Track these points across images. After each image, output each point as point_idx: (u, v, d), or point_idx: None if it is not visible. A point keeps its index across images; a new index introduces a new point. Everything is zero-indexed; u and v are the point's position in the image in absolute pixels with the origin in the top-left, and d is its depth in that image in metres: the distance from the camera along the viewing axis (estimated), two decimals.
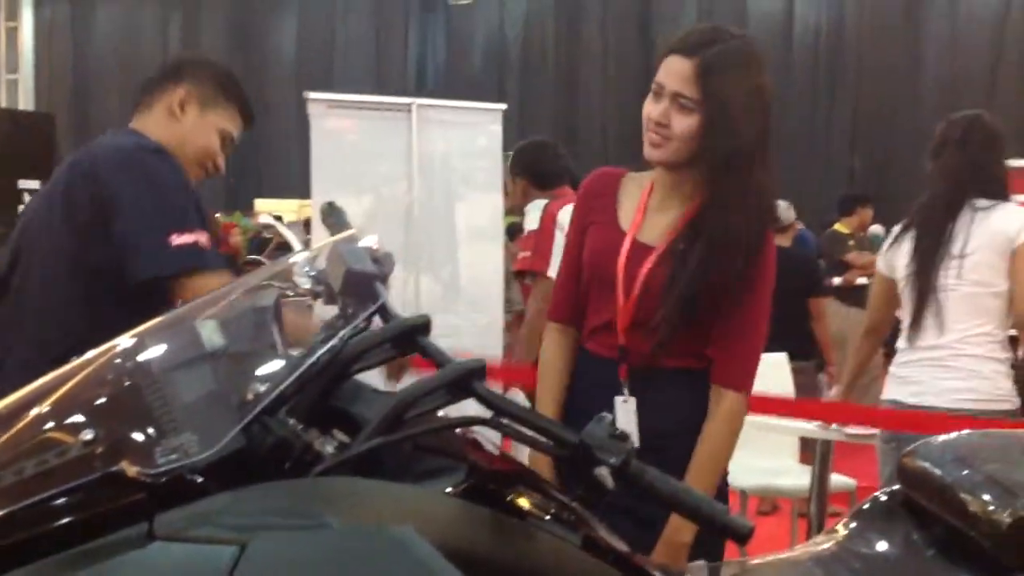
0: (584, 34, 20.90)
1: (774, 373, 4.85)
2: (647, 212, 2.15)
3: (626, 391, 2.13)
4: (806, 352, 6.33)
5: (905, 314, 3.25)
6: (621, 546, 1.38)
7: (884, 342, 3.61)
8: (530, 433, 1.32)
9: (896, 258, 3.30)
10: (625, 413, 2.13)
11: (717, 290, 2.04)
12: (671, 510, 1.30)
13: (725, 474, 2.19)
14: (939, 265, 3.14)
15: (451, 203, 3.86)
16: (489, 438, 1.44)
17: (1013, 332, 3.35)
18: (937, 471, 1.64)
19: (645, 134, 2.06)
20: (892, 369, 3.30)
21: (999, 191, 3.19)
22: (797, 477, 4.19)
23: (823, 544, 1.72)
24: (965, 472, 1.62)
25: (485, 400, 1.32)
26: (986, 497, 1.53)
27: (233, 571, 0.99)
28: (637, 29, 21.08)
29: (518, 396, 3.34)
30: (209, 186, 20.80)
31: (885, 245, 3.40)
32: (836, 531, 1.75)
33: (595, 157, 21.09)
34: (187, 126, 2.44)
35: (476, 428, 1.36)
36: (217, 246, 2.36)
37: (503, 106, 4.04)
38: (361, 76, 22.60)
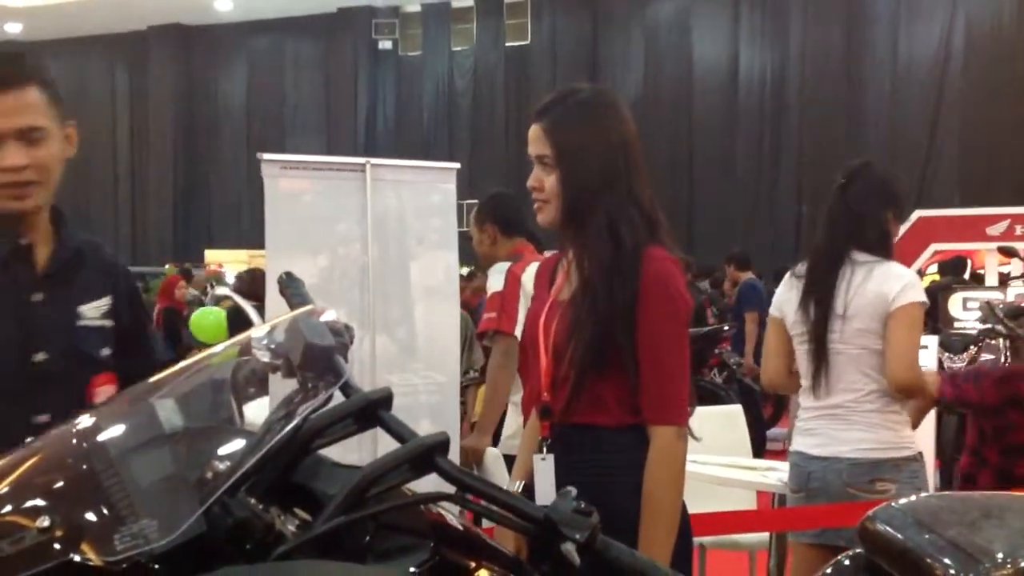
0: (533, 85, 21.11)
1: (730, 423, 4.88)
2: (568, 275, 2.19)
3: (545, 448, 2.12)
4: None
5: (802, 370, 3.29)
6: None
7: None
8: (496, 509, 1.31)
9: (785, 305, 3.34)
10: (543, 471, 2.11)
11: (611, 326, 2.05)
12: None
13: (686, 517, 2.14)
14: (828, 326, 3.17)
15: (405, 262, 3.87)
16: (453, 512, 1.42)
17: None
18: (899, 535, 1.65)
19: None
20: (798, 423, 3.34)
21: (879, 242, 3.19)
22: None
23: None
24: (927, 536, 1.64)
25: (449, 476, 1.31)
26: (947, 562, 1.54)
27: None
28: (586, 77, 21.33)
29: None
30: (157, 238, 20.67)
31: (779, 289, 3.40)
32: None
33: None
34: None
35: (440, 504, 1.35)
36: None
37: (456, 165, 4.07)
38: (311, 128, 22.65)
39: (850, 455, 3.12)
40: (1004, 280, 10.24)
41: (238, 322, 7.57)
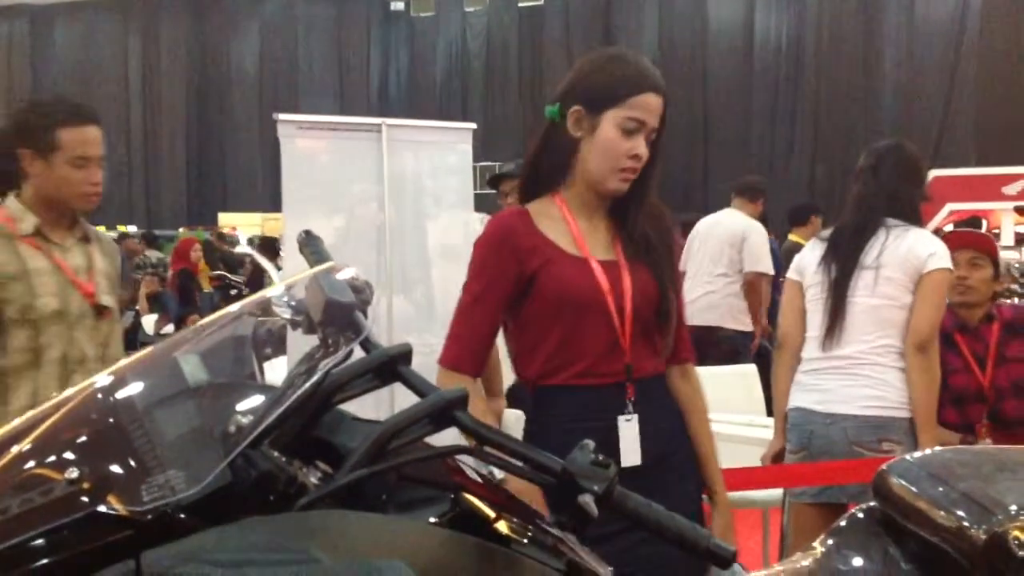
0: (547, 45, 20.98)
1: (745, 383, 4.89)
2: (583, 234, 2.19)
3: (630, 408, 2.15)
4: None
5: (814, 323, 3.31)
6: (605, 571, 1.39)
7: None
8: (514, 461, 1.33)
9: (806, 268, 3.40)
10: (628, 431, 2.15)
11: (678, 282, 2.30)
12: (655, 536, 1.31)
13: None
14: (851, 280, 3.24)
15: (422, 222, 3.87)
16: (472, 466, 1.44)
17: None
18: (913, 488, 1.67)
19: (620, 170, 2.14)
20: (799, 377, 3.35)
21: (912, 216, 3.30)
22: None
23: (801, 562, 1.74)
24: (940, 489, 1.65)
25: (468, 429, 1.32)
26: (961, 514, 1.56)
27: None
28: (600, 39, 21.21)
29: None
30: (171, 201, 20.73)
31: (797, 257, 3.49)
32: (814, 548, 1.77)
33: None
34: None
35: (460, 456, 1.37)
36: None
37: (472, 125, 4.06)
38: (324, 90, 22.59)
39: (858, 412, 3.13)
40: (1020, 240, 10.20)
41: (258, 280, 7.61)
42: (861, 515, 1.77)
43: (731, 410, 4.27)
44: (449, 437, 1.36)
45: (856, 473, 2.98)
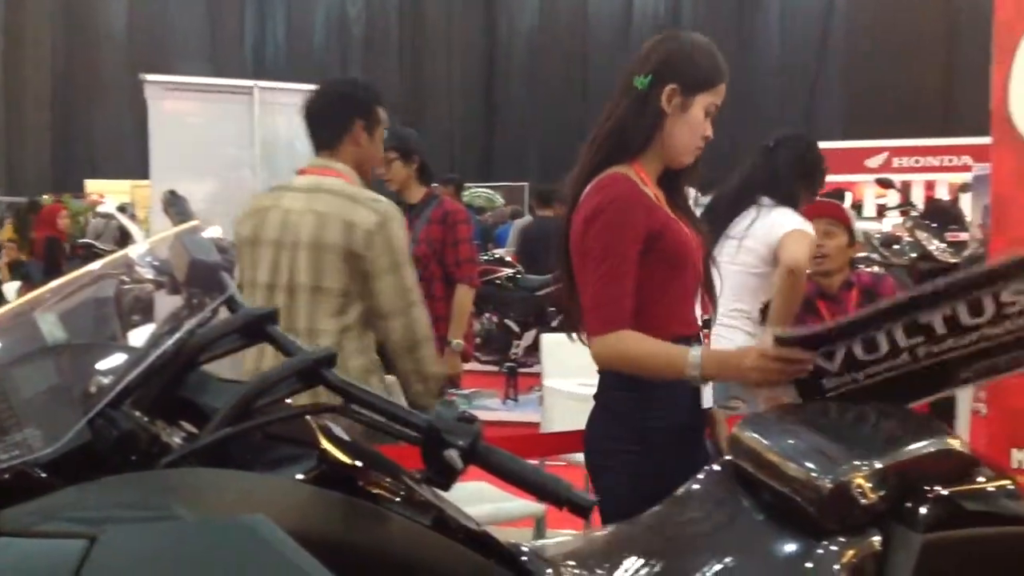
0: (427, 11, 20.80)
1: None
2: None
3: None
4: None
5: None
6: (472, 525, 1.42)
7: None
8: (381, 419, 1.35)
9: None
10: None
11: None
12: (518, 487, 1.35)
13: None
14: (719, 246, 3.40)
15: None
16: (341, 425, 1.45)
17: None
18: (765, 442, 1.74)
19: (697, 148, 2.34)
20: None
21: (788, 203, 3.47)
22: None
23: (661, 513, 1.80)
24: (792, 442, 1.73)
25: (335, 387, 1.34)
26: (809, 465, 1.64)
27: (82, 565, 0.98)
28: (481, 8, 21.15)
29: None
30: (35, 167, 19.87)
31: None
32: (674, 499, 1.83)
33: (442, 136, 21.11)
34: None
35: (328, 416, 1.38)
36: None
37: None
38: (196, 56, 21.94)
39: None
40: (881, 211, 10.61)
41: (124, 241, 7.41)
42: (718, 468, 1.84)
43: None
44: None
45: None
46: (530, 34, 21.07)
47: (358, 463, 1.36)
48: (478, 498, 3.24)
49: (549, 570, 1.58)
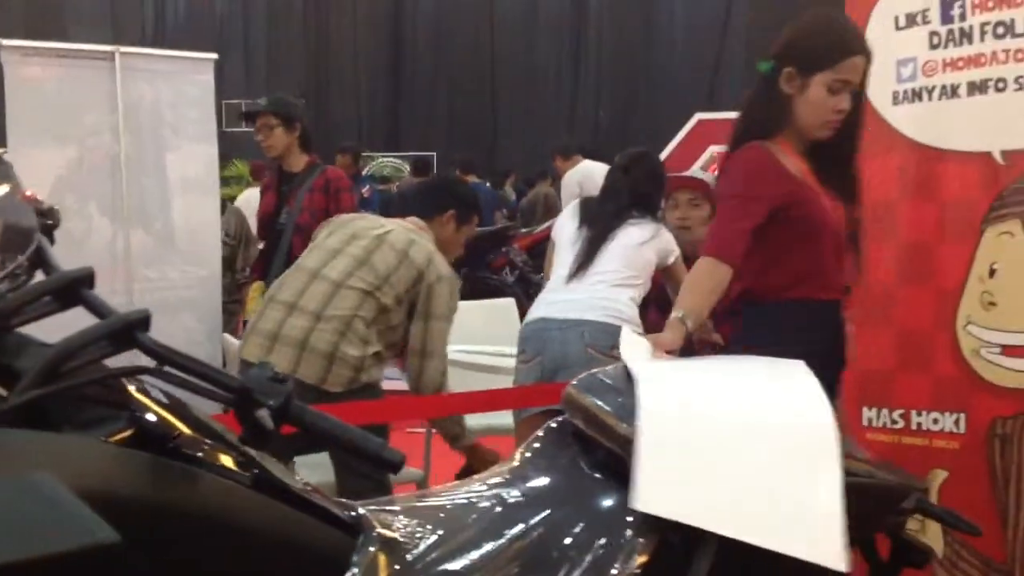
0: None
1: (503, 316, 5.03)
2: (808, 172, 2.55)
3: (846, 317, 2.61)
4: None
5: (561, 261, 3.66)
6: (295, 483, 1.44)
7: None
8: (195, 380, 1.36)
9: (561, 226, 3.81)
10: (850, 335, 2.60)
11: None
12: (331, 445, 1.38)
13: None
14: (604, 243, 3.58)
15: (162, 154, 3.79)
16: (160, 387, 1.46)
17: None
18: (596, 401, 1.80)
19: (826, 122, 2.47)
20: (539, 300, 3.68)
21: (652, 210, 3.71)
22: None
23: (498, 472, 1.84)
24: (620, 400, 1.79)
25: (149, 350, 1.34)
26: (626, 425, 1.69)
27: None
28: None
29: None
30: None
31: (557, 224, 3.89)
32: (513, 459, 1.87)
33: (348, 106, 20.90)
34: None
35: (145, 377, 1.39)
36: None
37: (213, 56, 3.99)
38: (94, 19, 21.30)
39: (594, 318, 3.35)
40: None
41: None
42: (555, 426, 1.89)
43: (486, 342, 4.41)
44: None
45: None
46: (437, 3, 20.95)
47: (174, 425, 1.37)
48: None
49: (379, 528, 1.61)
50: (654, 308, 3.71)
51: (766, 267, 2.51)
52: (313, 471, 3.08)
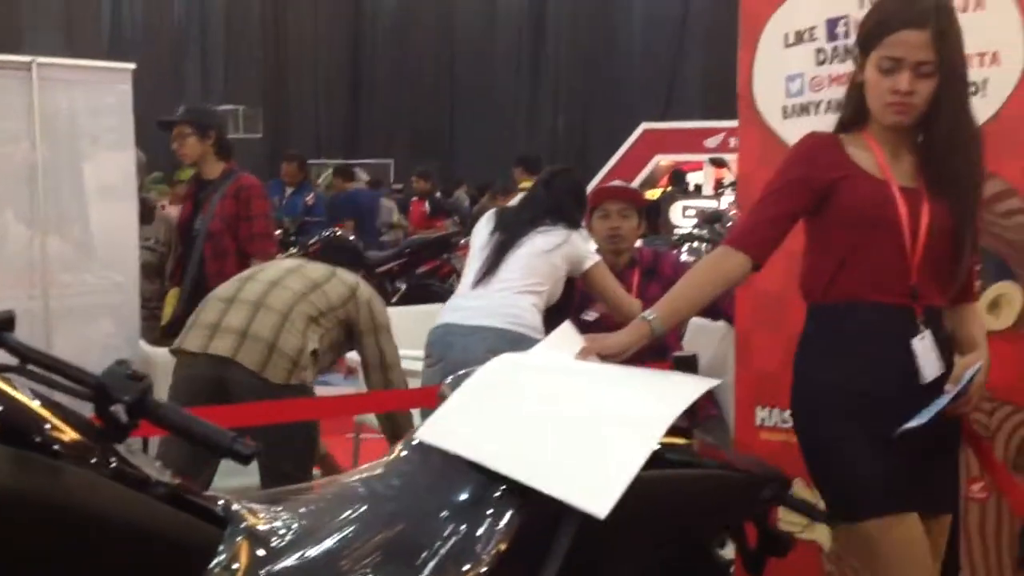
0: None
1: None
2: (887, 163, 2.32)
3: (922, 327, 2.27)
4: None
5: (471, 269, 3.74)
6: (156, 473, 1.52)
7: None
8: (55, 377, 1.44)
9: (478, 231, 3.85)
10: (924, 350, 2.27)
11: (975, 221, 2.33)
12: (183, 438, 1.46)
13: None
14: (512, 248, 3.64)
15: (79, 163, 3.87)
16: (27, 385, 1.54)
17: None
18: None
19: (887, 105, 2.25)
20: (445, 308, 3.72)
21: (571, 224, 3.73)
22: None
23: (375, 466, 1.93)
24: None
25: (11, 348, 1.43)
26: None
27: None
28: None
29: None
30: None
31: (480, 224, 3.91)
32: (391, 454, 1.96)
33: (306, 113, 20.90)
34: None
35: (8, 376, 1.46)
36: None
37: (131, 65, 4.08)
38: (50, 28, 21.13)
39: (497, 325, 3.45)
40: (718, 188, 11.02)
41: None
42: None
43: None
44: None
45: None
46: (395, 11, 21.02)
47: (38, 421, 1.45)
48: None
49: (250, 520, 1.68)
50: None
51: (815, 263, 2.36)
52: (238, 475, 3.11)
